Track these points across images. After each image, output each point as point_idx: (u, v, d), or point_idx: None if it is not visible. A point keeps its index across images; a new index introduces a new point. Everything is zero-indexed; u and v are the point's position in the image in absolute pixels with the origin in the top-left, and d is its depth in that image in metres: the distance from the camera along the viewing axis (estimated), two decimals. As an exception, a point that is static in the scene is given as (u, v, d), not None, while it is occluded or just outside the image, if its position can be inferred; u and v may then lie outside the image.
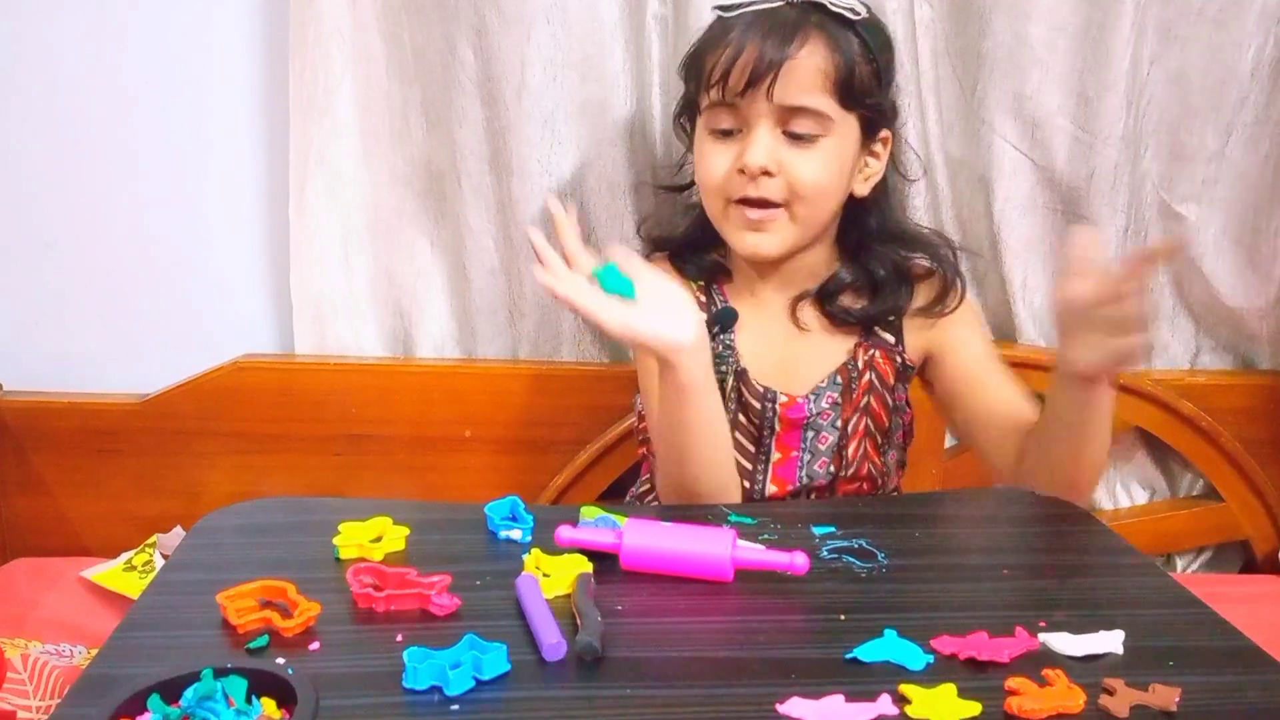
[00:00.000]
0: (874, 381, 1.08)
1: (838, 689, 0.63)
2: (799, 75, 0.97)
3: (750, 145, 0.99)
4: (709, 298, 1.10)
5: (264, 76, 1.31)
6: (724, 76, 0.98)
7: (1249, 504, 1.39)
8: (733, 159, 1.01)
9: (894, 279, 1.07)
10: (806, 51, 0.97)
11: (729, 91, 0.99)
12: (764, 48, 0.97)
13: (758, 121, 0.99)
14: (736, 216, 1.02)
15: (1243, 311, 1.34)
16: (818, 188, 1.00)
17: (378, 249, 1.34)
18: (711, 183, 1.03)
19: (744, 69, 0.97)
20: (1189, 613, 0.76)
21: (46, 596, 1.27)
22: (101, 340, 1.39)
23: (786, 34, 0.97)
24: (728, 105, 1.00)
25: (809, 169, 0.99)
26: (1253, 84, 1.24)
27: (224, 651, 0.67)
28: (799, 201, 1.00)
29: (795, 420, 1.06)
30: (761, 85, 0.97)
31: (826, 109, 0.99)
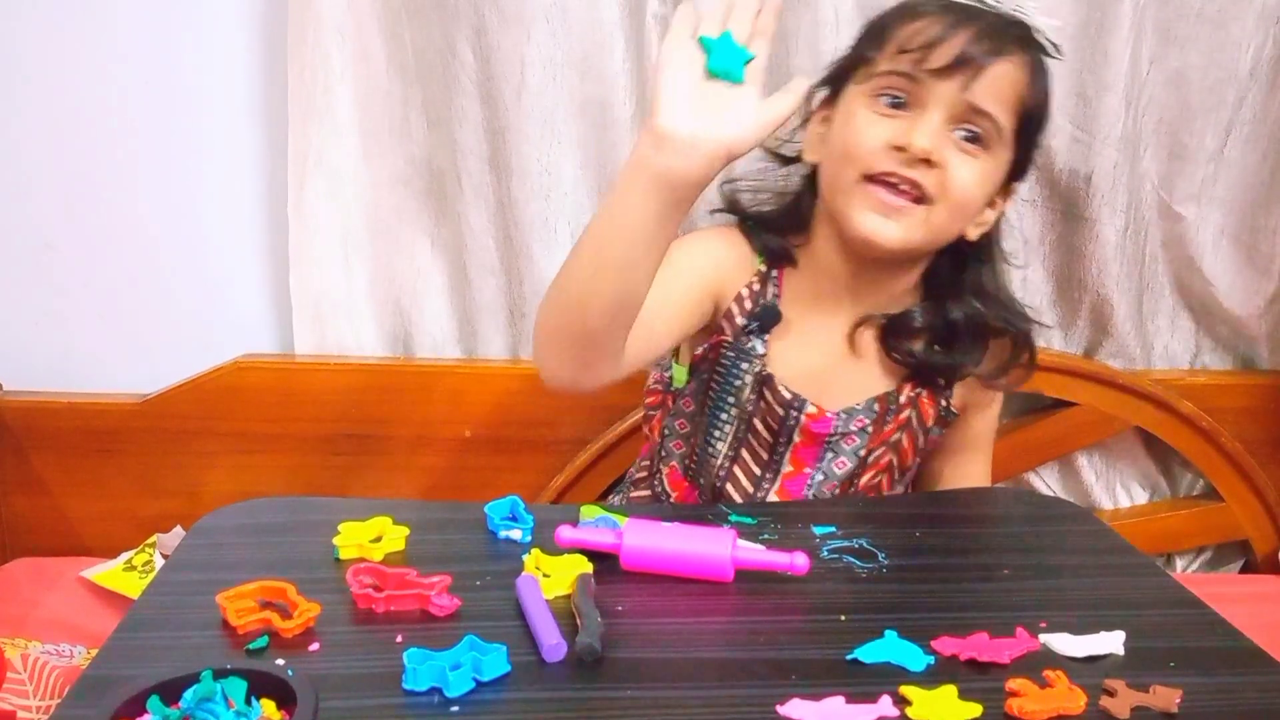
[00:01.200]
0: (912, 419, 1.04)
1: (838, 690, 0.63)
2: (998, 82, 0.92)
3: (921, 125, 0.91)
4: (763, 286, 1.02)
5: (263, 76, 1.31)
6: (927, 48, 0.91)
7: (1249, 504, 1.39)
8: (891, 134, 0.92)
9: (971, 336, 1.02)
10: (1012, 63, 0.93)
11: (925, 64, 0.91)
12: (976, 41, 0.91)
13: (934, 107, 0.92)
14: (868, 195, 0.93)
15: (1242, 310, 1.34)
16: (966, 197, 0.94)
17: (378, 249, 1.34)
18: (858, 149, 0.93)
19: (951, 50, 0.91)
20: (1190, 613, 0.76)
21: (46, 596, 1.27)
22: (101, 340, 1.39)
23: (998, 41, 0.92)
24: (910, 79, 0.92)
25: (967, 173, 0.93)
26: (1252, 83, 1.24)
27: (224, 652, 0.67)
28: (942, 203, 0.93)
29: (818, 435, 1.01)
30: (962, 74, 0.91)
31: (1005, 125, 0.94)
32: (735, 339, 1.01)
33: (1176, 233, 1.31)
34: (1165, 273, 1.35)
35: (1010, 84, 0.94)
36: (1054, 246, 1.31)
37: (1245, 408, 1.37)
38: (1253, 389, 1.38)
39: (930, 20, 0.93)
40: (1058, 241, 1.31)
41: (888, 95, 0.94)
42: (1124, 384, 1.33)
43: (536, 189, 1.26)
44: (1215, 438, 1.35)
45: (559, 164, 1.26)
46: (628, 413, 1.32)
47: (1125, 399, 1.34)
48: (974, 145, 0.94)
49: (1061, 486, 1.42)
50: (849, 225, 0.95)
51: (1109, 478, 1.42)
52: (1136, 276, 1.32)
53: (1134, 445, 1.41)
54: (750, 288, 1.02)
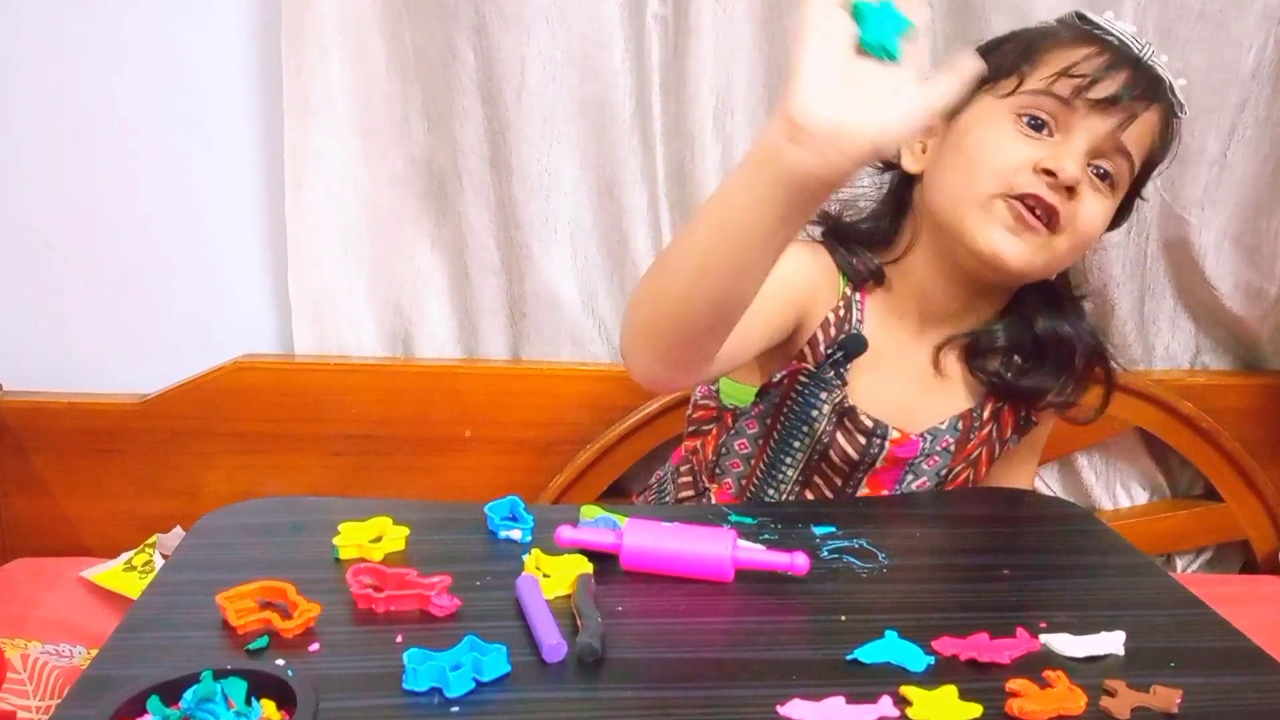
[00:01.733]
0: (993, 433, 1.02)
1: (838, 690, 0.63)
2: (1143, 128, 0.92)
3: (1069, 154, 0.89)
4: (847, 311, 0.98)
5: (262, 76, 1.31)
6: (1092, 77, 0.89)
7: (1249, 504, 1.39)
8: (1038, 155, 0.89)
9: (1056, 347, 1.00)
10: (1157, 114, 0.94)
11: (1088, 93, 0.89)
12: (1134, 84, 0.90)
13: (1082, 138, 0.90)
14: (1002, 211, 0.90)
15: (1243, 312, 1.34)
16: (1091, 232, 0.93)
17: (377, 249, 1.34)
18: (999, 165, 0.90)
19: (1113, 85, 0.89)
20: (1190, 613, 0.76)
21: (46, 596, 1.27)
22: (101, 340, 1.39)
23: (1152, 88, 0.92)
24: (1064, 104, 0.90)
25: (1096, 210, 0.92)
26: (1254, 85, 1.24)
27: (224, 653, 0.67)
28: (1068, 234, 0.91)
29: (902, 459, 0.99)
30: (1120, 112, 0.90)
31: (1134, 169, 0.94)
32: (816, 367, 0.97)
33: (1178, 235, 1.31)
34: (1166, 274, 1.35)
35: (1150, 133, 0.94)
36: None
37: (1245, 408, 1.37)
38: (1253, 389, 1.38)
39: (1090, 52, 0.91)
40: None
41: (1031, 115, 0.91)
42: (1124, 384, 1.33)
43: (536, 189, 1.26)
44: (1215, 438, 1.35)
45: (559, 164, 1.26)
46: (628, 413, 1.32)
47: (1125, 399, 1.34)
48: (1105, 183, 0.92)
49: (1061, 486, 1.43)
50: (971, 240, 0.91)
51: (1109, 478, 1.42)
52: (1138, 277, 1.32)
53: (1134, 445, 1.41)
54: (836, 313, 0.97)
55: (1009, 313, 1.01)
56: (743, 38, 1.24)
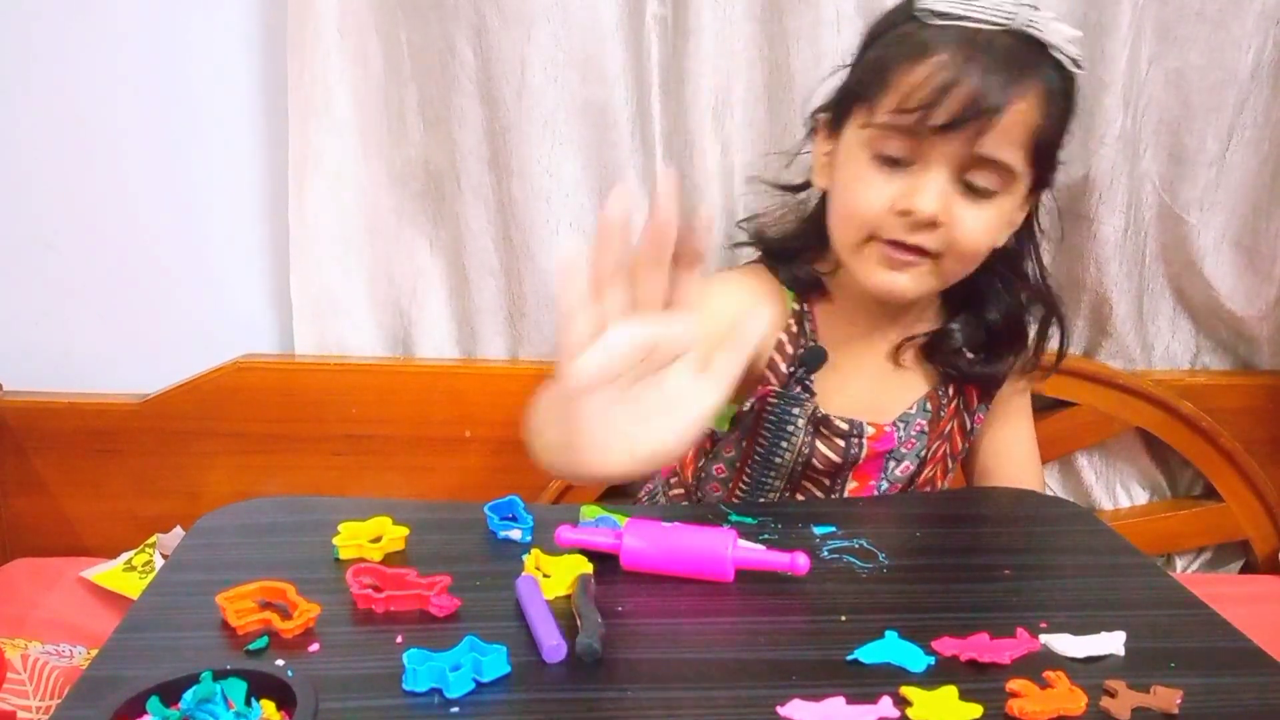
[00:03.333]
0: (960, 405, 1.04)
1: (838, 691, 0.63)
2: (1010, 127, 0.85)
3: (924, 190, 0.86)
4: (800, 325, 0.99)
5: (263, 76, 1.31)
6: (929, 104, 0.84)
7: (1249, 504, 1.39)
8: (895, 194, 0.88)
9: (1009, 333, 1.01)
10: (1026, 101, 0.85)
11: (928, 121, 0.84)
12: (986, 85, 0.83)
13: (938, 163, 0.87)
14: (876, 253, 0.90)
15: (1243, 313, 1.34)
16: (977, 248, 0.90)
17: (377, 249, 1.34)
18: (862, 214, 0.90)
19: (955, 105, 0.83)
20: (1190, 614, 0.76)
21: (46, 596, 1.27)
22: (101, 340, 1.39)
23: (1009, 76, 0.84)
24: (912, 134, 0.86)
25: (976, 226, 0.88)
26: (1253, 85, 1.24)
27: (223, 653, 0.67)
28: (952, 257, 0.90)
29: (882, 451, 1.01)
30: (968, 129, 0.84)
31: (1017, 165, 0.88)
32: (783, 387, 0.98)
33: (1178, 235, 1.31)
34: (1165, 274, 1.35)
35: (1022, 124, 0.87)
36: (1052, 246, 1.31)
37: (1245, 408, 1.37)
38: (1253, 389, 1.38)
39: (935, 63, 0.85)
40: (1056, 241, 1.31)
41: (884, 154, 0.89)
42: (1124, 384, 1.33)
43: (536, 189, 1.26)
44: (1215, 438, 1.35)
45: (559, 165, 1.26)
46: (628, 413, 1.32)
47: (1125, 399, 1.34)
48: (980, 194, 0.89)
49: (1061, 486, 1.43)
50: (861, 279, 0.93)
51: (1109, 478, 1.42)
52: (1137, 277, 1.32)
53: (1134, 445, 1.41)
54: (789, 331, 0.99)
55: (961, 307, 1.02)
56: (743, 38, 1.24)
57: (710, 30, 1.22)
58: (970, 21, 0.86)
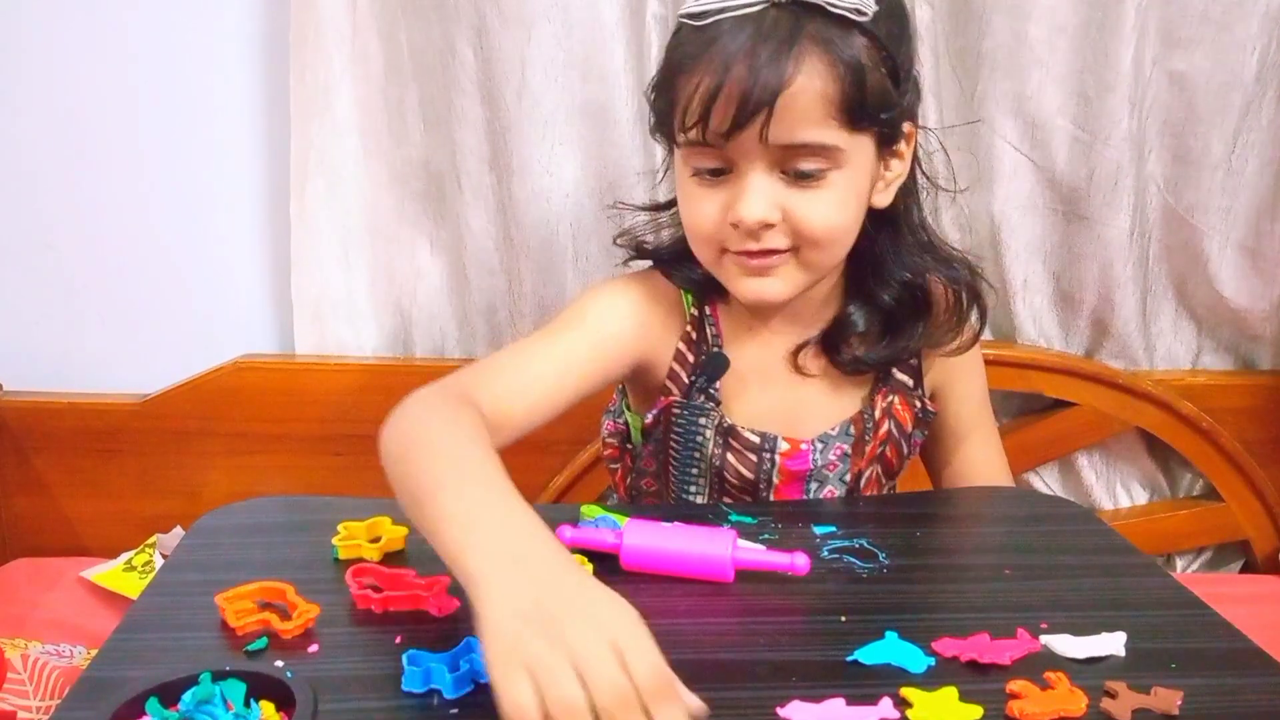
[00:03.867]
0: (892, 431, 0.96)
1: (839, 692, 0.63)
2: (798, 107, 0.78)
3: (744, 196, 0.81)
4: (700, 330, 0.94)
5: (264, 77, 1.31)
6: (702, 114, 0.79)
7: (1249, 504, 1.39)
8: (722, 206, 0.83)
9: (909, 307, 0.93)
10: (805, 75, 0.77)
11: (711, 133, 0.80)
12: (752, 76, 0.77)
13: (750, 165, 0.81)
14: (733, 264, 0.86)
15: (1246, 314, 1.34)
16: (830, 231, 0.84)
17: (377, 249, 1.34)
18: (700, 232, 0.86)
19: (728, 107, 0.78)
20: (1191, 614, 0.76)
21: (46, 596, 1.27)
22: (101, 340, 1.39)
23: (778, 54, 0.77)
24: (710, 147, 0.82)
25: (818, 212, 0.82)
26: (1258, 88, 1.24)
27: (222, 654, 0.67)
28: (809, 247, 0.84)
29: (797, 472, 0.94)
30: (752, 126, 0.78)
31: (834, 140, 0.80)
32: (686, 397, 0.94)
33: (1182, 237, 1.31)
34: (1169, 275, 1.35)
35: (814, 95, 0.78)
36: (1055, 247, 1.31)
37: (1245, 408, 1.37)
38: (1253, 389, 1.38)
39: (702, 69, 0.79)
40: (1059, 242, 1.31)
41: (700, 169, 0.84)
42: (1124, 384, 1.33)
43: (536, 190, 1.26)
44: (1215, 438, 1.35)
45: (559, 165, 1.26)
46: (628, 413, 1.32)
47: (1125, 399, 1.34)
48: (809, 180, 0.82)
49: (1061, 486, 1.42)
50: (733, 292, 0.89)
51: (1109, 478, 1.42)
52: (1140, 278, 1.32)
53: (1134, 445, 1.41)
54: (686, 340, 0.94)
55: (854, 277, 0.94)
56: None
57: (710, 30, 1.21)
58: (726, 13, 0.79)
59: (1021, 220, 1.30)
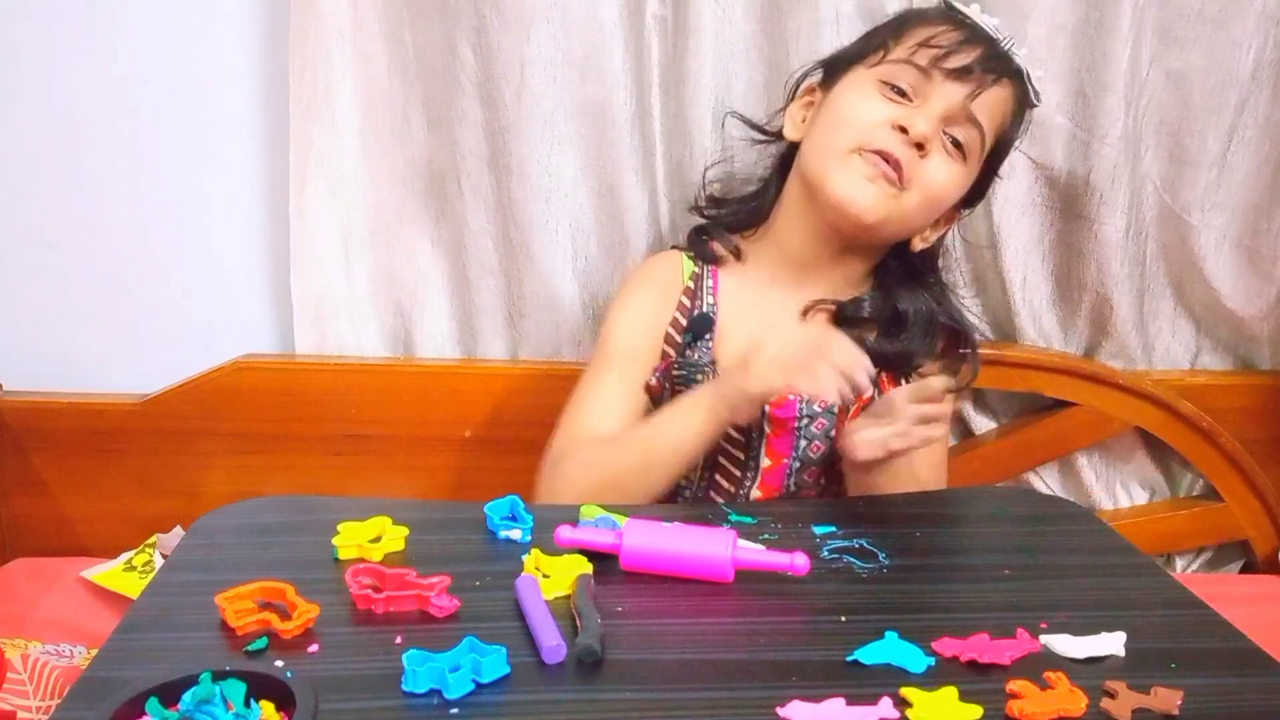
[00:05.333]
0: (875, 398, 1.03)
1: (838, 692, 0.63)
2: (994, 101, 1.02)
3: (923, 113, 0.99)
4: (695, 293, 1.08)
5: (264, 76, 1.31)
6: (948, 49, 1.00)
7: (1249, 504, 1.39)
8: (890, 114, 1.00)
9: (921, 328, 1.07)
10: (1009, 89, 1.03)
11: (944, 63, 0.99)
12: (988, 59, 1.00)
13: (938, 104, 1.00)
14: (858, 163, 1.00)
15: (1244, 313, 1.34)
16: (938, 192, 1.02)
17: (378, 249, 1.34)
18: (859, 120, 1.01)
19: (967, 56, 0.99)
20: (1191, 614, 0.76)
21: (46, 596, 1.27)
22: (101, 340, 1.39)
23: (1005, 65, 1.02)
24: (922, 73, 1.00)
25: (945, 172, 1.01)
26: (1253, 86, 1.24)
27: (222, 654, 0.67)
28: (917, 192, 1.00)
29: (785, 420, 1.04)
30: (973, 81, 0.99)
31: (986, 142, 1.03)
32: (681, 355, 1.06)
33: (1178, 235, 1.31)
34: (1166, 274, 1.35)
35: (1001, 107, 1.03)
36: (1053, 246, 1.31)
37: (1245, 408, 1.37)
38: (1253, 389, 1.38)
39: (949, 29, 1.02)
40: (1057, 241, 1.31)
41: (893, 83, 1.01)
42: (1124, 384, 1.33)
43: (536, 190, 1.26)
44: (1215, 438, 1.35)
45: (559, 165, 1.26)
46: (628, 413, 1.32)
47: (1125, 399, 1.34)
48: (957, 150, 1.02)
49: (1061, 486, 1.42)
50: (828, 191, 1.01)
51: (1109, 478, 1.42)
52: (1137, 277, 1.31)
53: (1134, 445, 1.41)
54: (680, 307, 1.08)
55: (876, 287, 1.10)
56: (743, 38, 1.24)
57: (710, 30, 1.22)
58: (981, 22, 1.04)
59: (1020, 218, 1.30)
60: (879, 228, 1.02)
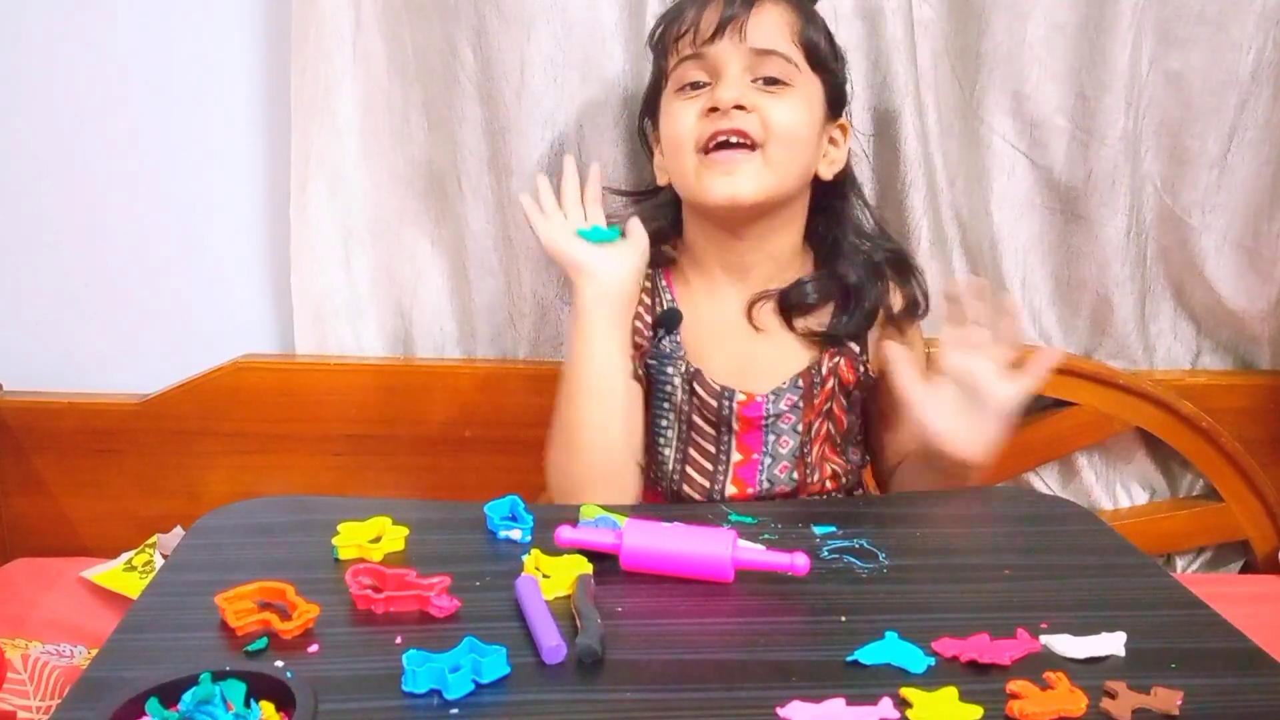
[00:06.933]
0: (835, 389, 1.07)
1: (838, 692, 0.63)
2: (767, 21, 1.01)
3: (722, 84, 1.00)
4: (653, 293, 1.10)
5: (265, 77, 1.31)
6: (694, 24, 1.01)
7: (1249, 504, 1.39)
8: (698, 107, 1.01)
9: (869, 282, 1.07)
10: (772, 5, 1.02)
11: (699, 37, 1.01)
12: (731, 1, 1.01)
13: (728, 67, 1.00)
14: (706, 165, 1.01)
15: (1244, 314, 1.34)
16: (791, 129, 1.01)
17: (378, 249, 1.34)
18: (681, 133, 1.02)
19: (714, 14, 1.00)
20: (1191, 614, 0.76)
21: (46, 596, 1.27)
22: (101, 340, 1.39)
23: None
24: (697, 57, 1.02)
25: (782, 110, 1.00)
26: (1253, 87, 1.24)
27: (222, 654, 0.67)
28: (773, 142, 1.00)
29: (753, 419, 1.05)
30: (735, 25, 0.99)
31: (795, 58, 1.02)
32: (653, 347, 1.07)
33: (1179, 236, 1.31)
34: (1166, 275, 1.35)
35: (781, 22, 1.02)
36: (1053, 247, 1.31)
37: (1245, 408, 1.37)
38: (1253, 389, 1.38)
39: (687, 4, 1.04)
40: (1057, 241, 1.31)
41: (688, 82, 1.03)
42: (1124, 384, 1.33)
43: (536, 190, 1.26)
44: (1215, 438, 1.35)
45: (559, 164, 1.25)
46: (628, 413, 1.32)
47: (1125, 399, 1.34)
48: (776, 85, 1.01)
49: (1061, 486, 1.42)
50: (705, 200, 1.02)
51: (1109, 478, 1.42)
52: (1138, 278, 1.31)
53: (1134, 445, 1.41)
54: (642, 302, 1.09)
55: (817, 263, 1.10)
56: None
57: (710, 30, 1.22)
58: None
59: (1020, 219, 1.30)
60: (769, 196, 1.02)
